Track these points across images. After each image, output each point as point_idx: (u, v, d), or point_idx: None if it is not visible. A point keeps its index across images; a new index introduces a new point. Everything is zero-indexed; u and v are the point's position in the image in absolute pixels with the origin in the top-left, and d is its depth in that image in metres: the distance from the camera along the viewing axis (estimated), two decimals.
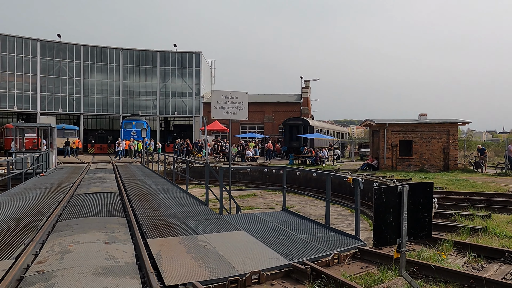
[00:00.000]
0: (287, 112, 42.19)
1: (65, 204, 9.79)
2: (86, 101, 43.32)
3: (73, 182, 14.52)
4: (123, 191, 12.12)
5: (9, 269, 4.84)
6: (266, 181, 23.28)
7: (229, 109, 8.78)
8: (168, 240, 6.40)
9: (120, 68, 44.52)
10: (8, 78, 39.55)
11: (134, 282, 4.56)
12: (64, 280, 4.48)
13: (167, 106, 46.12)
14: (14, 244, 6.09)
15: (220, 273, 4.88)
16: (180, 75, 46.23)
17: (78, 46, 43.07)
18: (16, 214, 8.44)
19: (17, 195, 11.21)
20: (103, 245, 5.94)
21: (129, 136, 35.66)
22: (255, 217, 8.54)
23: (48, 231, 7.03)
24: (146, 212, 8.80)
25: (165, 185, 13.95)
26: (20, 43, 40.19)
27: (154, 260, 5.32)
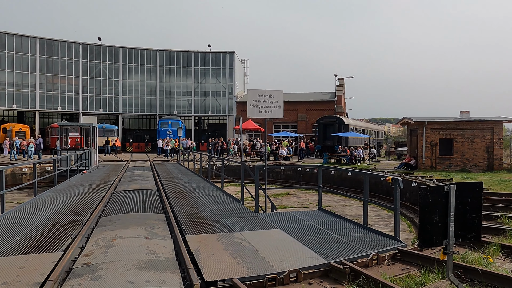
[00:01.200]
0: (320, 111, 41.70)
1: (107, 200, 10.20)
2: (124, 102, 44.86)
3: (113, 179, 15.07)
4: (161, 188, 12.45)
5: (58, 261, 5.10)
6: (299, 180, 23.16)
7: (264, 107, 8.82)
8: (206, 237, 6.52)
9: (157, 69, 45.72)
10: (53, 80, 41.68)
11: (174, 277, 4.68)
12: (109, 273, 4.67)
13: (201, 106, 46.88)
14: (62, 237, 6.42)
15: (258, 270, 4.91)
16: (214, 74, 46.85)
17: (117, 48, 44.65)
18: (63, 209, 8.89)
19: (63, 191, 11.79)
20: (144, 240, 6.14)
21: (165, 135, 36.57)
22: (291, 215, 8.52)
23: (93, 226, 7.35)
24: (183, 209, 8.99)
25: (200, 183, 14.20)
26: (64, 46, 42.20)
27: (193, 256, 5.44)
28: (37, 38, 40.88)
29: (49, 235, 6.57)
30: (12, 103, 39.80)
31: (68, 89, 42.38)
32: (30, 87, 40.51)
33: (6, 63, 39.10)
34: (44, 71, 41.13)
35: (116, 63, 44.39)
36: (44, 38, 41.32)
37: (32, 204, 9.50)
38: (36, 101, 40.81)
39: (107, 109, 44.35)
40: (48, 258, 5.26)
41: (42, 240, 6.21)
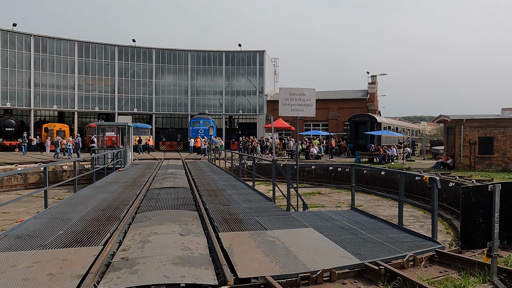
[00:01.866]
0: (352, 109, 41.02)
1: (142, 197, 10.50)
2: (157, 101, 45.98)
3: (148, 177, 15.49)
4: (194, 186, 12.67)
5: (98, 255, 5.32)
6: (331, 179, 22.89)
7: (296, 106, 8.77)
8: (238, 234, 6.58)
9: (188, 69, 46.53)
10: (90, 82, 43.37)
11: (208, 273, 4.76)
12: (146, 267, 4.81)
13: (232, 105, 47.27)
14: (101, 232, 6.68)
15: (291, 268, 4.91)
16: (244, 74, 47.10)
17: (150, 49, 45.81)
18: (101, 205, 9.24)
19: (100, 188, 12.25)
20: (178, 237, 6.28)
21: (196, 134, 37.17)
22: (323, 215, 8.45)
23: (129, 221, 7.60)
24: (216, 207, 9.12)
25: (232, 181, 14.34)
26: (100, 49, 43.77)
27: (226, 253, 5.51)
28: (75, 41, 42.63)
29: (89, 229, 6.85)
30: (53, 104, 41.74)
31: (104, 90, 43.96)
32: (70, 89, 42.33)
33: (47, 65, 41.04)
34: (83, 72, 42.85)
35: (149, 64, 45.56)
36: (82, 41, 43.02)
37: (73, 200, 9.94)
38: (75, 101, 42.59)
39: (141, 109, 45.63)
40: (88, 252, 5.49)
41: (83, 235, 6.49)
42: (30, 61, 40.04)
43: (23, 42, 39.77)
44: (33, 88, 40.20)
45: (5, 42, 38.79)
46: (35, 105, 40.62)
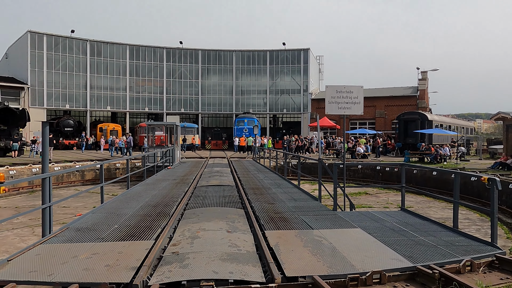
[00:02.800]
0: (401, 106, 39.55)
1: (190, 194, 10.81)
2: (203, 101, 47.10)
3: (195, 175, 15.91)
4: (239, 184, 12.84)
5: (150, 249, 5.54)
6: (378, 179, 22.22)
7: (343, 104, 8.61)
8: (285, 233, 6.58)
9: (233, 68, 47.19)
10: (140, 83, 45.33)
11: (256, 270, 4.80)
12: (196, 262, 4.95)
13: (276, 104, 47.32)
14: (152, 227, 6.96)
15: (339, 269, 4.83)
16: (288, 72, 46.97)
17: (197, 51, 47.00)
18: (152, 202, 9.63)
19: (151, 185, 12.77)
20: (225, 233, 6.39)
21: (241, 133, 37.60)
22: (371, 215, 8.22)
23: (178, 218, 7.85)
24: (261, 205, 9.17)
25: (277, 180, 14.35)
26: (150, 51, 45.60)
27: (273, 251, 5.52)
28: (127, 45, 44.74)
29: (141, 224, 7.17)
30: (107, 105, 44.11)
31: (153, 91, 45.77)
32: (122, 90, 44.51)
33: (102, 69, 43.44)
34: (133, 75, 44.89)
35: (196, 65, 46.77)
36: (133, 45, 45.05)
37: (126, 196, 10.44)
38: (127, 102, 44.70)
39: (187, 109, 46.97)
40: (141, 246, 5.75)
41: (136, 229, 6.80)
42: (87, 65, 42.58)
43: (80, 48, 42.39)
44: (89, 90, 42.72)
45: (64, 48, 41.55)
46: (91, 106, 43.15)
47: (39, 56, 40.07)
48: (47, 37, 40.62)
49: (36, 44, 39.93)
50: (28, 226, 12.19)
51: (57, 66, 41.15)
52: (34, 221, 12.53)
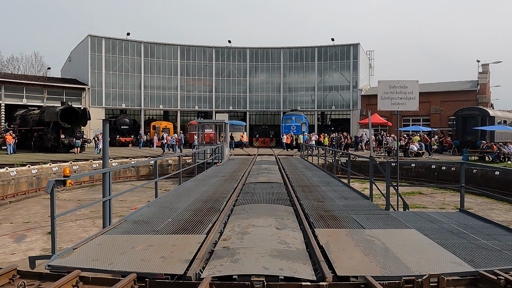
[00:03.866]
0: (458, 102, 37.32)
1: (239, 191, 10.96)
2: (251, 99, 47.52)
3: (243, 172, 16.11)
4: (287, 181, 12.81)
5: (202, 242, 5.70)
6: (433, 179, 21.16)
7: (397, 99, 8.27)
8: (335, 232, 6.47)
9: (281, 66, 47.11)
10: (191, 82, 46.68)
11: (306, 268, 4.77)
12: (246, 257, 5.01)
13: (324, 100, 46.61)
14: (203, 221, 7.15)
15: (393, 270, 4.67)
16: (337, 68, 46.03)
17: (245, 49, 47.49)
18: (203, 197, 9.89)
19: (201, 181, 13.12)
20: (275, 230, 6.41)
21: (289, 130, 37.48)
22: (427, 216, 7.85)
23: (228, 213, 7.99)
24: (310, 203, 9.09)
25: (326, 178, 14.15)
26: (200, 51, 46.78)
27: (323, 249, 5.45)
28: (178, 45, 46.23)
29: (193, 219, 7.38)
30: (159, 104, 45.92)
31: (203, 90, 46.96)
32: (173, 89, 46.12)
33: (154, 69, 45.28)
34: (184, 74, 46.32)
35: (244, 63, 47.28)
36: (184, 45, 46.47)
37: (178, 192, 10.81)
38: (178, 101, 46.25)
39: (236, 107, 47.64)
40: (194, 239, 5.93)
41: (188, 223, 7.02)
42: (141, 66, 44.59)
43: (135, 49, 44.48)
44: (143, 90, 44.73)
45: (120, 50, 43.82)
46: (145, 105, 45.15)
47: (98, 58, 42.58)
48: (105, 40, 43.07)
49: (96, 47, 42.48)
50: (89, 217, 13.04)
51: (114, 68, 43.51)
52: (94, 213, 13.38)
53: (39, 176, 18.67)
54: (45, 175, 18.92)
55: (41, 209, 14.69)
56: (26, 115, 32.26)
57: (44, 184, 18.67)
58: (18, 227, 11.93)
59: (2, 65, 63.63)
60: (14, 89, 37.73)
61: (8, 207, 15.13)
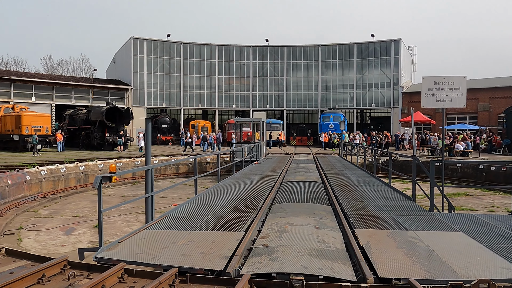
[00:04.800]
0: (509, 99, 35.13)
1: (276, 189, 10.95)
2: (288, 97, 47.33)
3: (280, 170, 16.08)
4: (325, 180, 12.64)
5: (241, 240, 5.75)
6: (481, 179, 20.08)
7: (442, 96, 7.91)
8: (376, 232, 6.31)
9: (319, 64, 46.55)
10: (228, 81, 47.22)
11: (346, 268, 4.69)
12: (285, 256, 5.00)
13: (363, 98, 45.56)
14: (242, 219, 7.21)
15: (438, 274, 4.48)
16: (377, 65, 44.81)
17: (282, 47, 47.36)
18: (241, 195, 9.98)
19: (239, 179, 13.24)
20: (313, 229, 6.35)
21: (326, 129, 36.96)
22: (475, 218, 7.46)
23: (266, 211, 8.01)
24: (350, 203, 8.92)
25: (365, 177, 13.82)
26: (237, 50, 47.19)
27: (363, 250, 5.33)
28: (216, 45, 46.91)
29: (232, 216, 7.47)
30: (198, 103, 46.83)
31: (241, 89, 47.37)
32: (211, 89, 46.87)
33: (193, 69, 46.24)
34: (222, 73, 46.94)
35: (281, 62, 47.17)
36: (222, 45, 47.07)
37: (217, 189, 10.98)
38: (216, 100, 46.95)
39: (273, 105, 47.64)
40: (232, 236, 5.99)
41: (227, 220, 7.11)
42: (180, 66, 45.69)
43: (175, 50, 45.64)
44: (182, 89, 45.82)
45: (161, 51, 45.12)
46: (184, 105, 46.22)
47: (140, 60, 44.09)
48: (147, 42, 44.51)
49: (138, 49, 44.02)
50: (132, 213, 13.55)
51: (155, 68, 44.87)
52: (137, 208, 13.89)
53: (86, 172, 19.64)
54: (92, 171, 19.87)
55: (88, 204, 15.44)
56: (74, 115, 34.02)
57: (91, 180, 19.62)
58: (67, 221, 12.62)
59: (53, 67, 67.55)
60: (64, 90, 39.88)
61: (59, 201, 16.04)
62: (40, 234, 10.96)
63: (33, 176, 16.47)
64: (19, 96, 36.49)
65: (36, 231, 11.27)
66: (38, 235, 10.92)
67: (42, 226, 11.90)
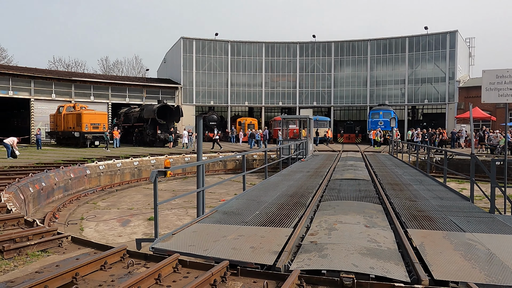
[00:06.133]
0: None
1: (324, 187, 10.84)
2: (336, 94, 46.46)
3: (328, 168, 15.88)
4: (375, 179, 12.31)
5: (290, 236, 5.78)
6: None
7: (505, 90, 7.38)
8: (430, 233, 6.06)
9: (368, 59, 45.20)
10: (275, 79, 47.25)
11: (399, 268, 4.56)
12: (334, 253, 4.96)
13: (415, 94, 43.64)
14: (290, 215, 7.24)
15: (500, 279, 4.23)
16: (431, 59, 42.67)
17: (329, 43, 46.54)
18: (288, 192, 10.00)
19: (286, 176, 13.25)
20: (363, 228, 6.23)
21: (375, 126, 35.85)
22: None
23: (314, 209, 7.97)
24: (401, 202, 8.63)
25: (418, 176, 13.28)
26: (284, 47, 47.06)
27: (417, 251, 5.16)
28: (263, 43, 47.09)
29: (280, 212, 7.52)
30: (245, 100, 47.34)
31: (287, 86, 47.22)
32: (258, 86, 47.16)
33: (240, 67, 46.79)
34: (269, 71, 47.06)
35: (328, 58, 46.38)
36: (269, 42, 47.17)
37: (264, 185, 11.09)
38: (262, 97, 47.19)
39: (320, 102, 47.01)
40: (281, 232, 6.04)
41: (275, 216, 7.17)
42: (228, 64, 46.42)
43: (222, 49, 46.44)
44: (229, 87, 46.55)
45: (210, 50, 46.12)
46: (231, 102, 46.94)
47: (190, 59, 45.37)
48: (196, 41, 45.70)
49: (188, 48, 45.32)
50: (182, 207, 14.04)
51: (203, 67, 45.96)
52: (187, 203, 14.37)
53: (139, 167, 20.62)
54: (145, 166, 20.82)
55: (142, 197, 16.22)
56: (128, 113, 35.77)
57: (144, 175, 20.58)
58: (123, 213, 13.35)
59: (109, 68, 71.46)
60: (119, 89, 42.05)
61: (115, 194, 17.00)
62: (99, 225, 11.71)
63: (93, 170, 17.57)
64: (79, 95, 38.99)
65: (95, 222, 12.04)
66: (97, 225, 11.66)
67: (101, 217, 12.70)
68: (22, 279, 4.42)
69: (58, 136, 33.01)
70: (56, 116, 32.72)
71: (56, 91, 37.52)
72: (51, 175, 14.25)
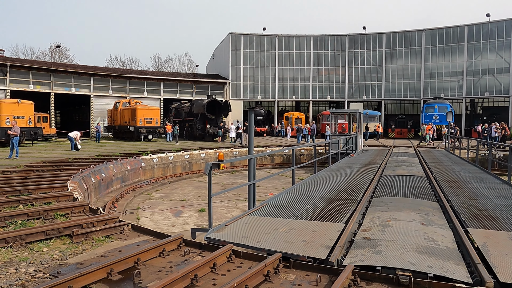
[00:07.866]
0: None
1: (376, 182, 10.55)
2: (387, 87, 44.83)
3: (379, 163, 15.42)
4: (430, 175, 11.77)
5: (342, 231, 5.72)
6: None
7: None
8: (494, 233, 5.71)
9: (422, 50, 43.10)
10: (323, 72, 46.51)
11: (459, 268, 4.36)
12: (389, 250, 4.84)
13: (475, 86, 40.99)
14: (341, 211, 7.14)
15: None
16: (493, 48, 39.81)
17: (380, 35, 44.92)
18: (338, 187, 9.86)
19: (335, 171, 13.06)
20: (419, 226, 6.01)
21: (430, 120, 34.18)
22: None
23: (366, 204, 7.80)
24: (460, 200, 8.19)
25: (478, 173, 12.51)
26: (332, 40, 46.13)
27: (479, 251, 4.89)
28: (311, 36, 46.47)
29: (330, 207, 7.45)
30: (292, 95, 47.10)
31: (335, 79, 46.29)
32: (305, 80, 46.70)
33: (288, 61, 46.55)
34: (317, 65, 46.40)
35: (379, 50, 44.82)
36: (317, 35, 46.46)
37: (314, 180, 11.01)
38: (310, 92, 46.67)
39: (370, 96, 45.63)
40: (333, 227, 5.99)
41: (326, 211, 7.11)
42: (275, 59, 46.37)
43: (270, 43, 46.46)
44: (277, 82, 46.51)
45: (257, 45, 46.32)
46: (278, 97, 46.90)
47: (238, 54, 45.88)
48: (244, 36, 46.09)
49: (236, 44, 45.85)
50: (232, 200, 14.33)
51: (251, 62, 46.29)
52: (236, 196, 14.64)
53: (190, 161, 21.30)
54: (195, 160, 21.48)
55: (193, 189, 16.77)
56: (179, 108, 36.98)
57: (194, 168, 21.23)
58: (176, 204, 13.90)
59: (160, 65, 74.18)
60: (170, 85, 43.56)
61: (168, 186, 17.72)
62: (154, 215, 12.28)
63: (147, 163, 18.42)
64: (134, 91, 40.88)
65: (150, 212, 12.65)
66: (152, 215, 12.25)
67: (155, 207, 13.31)
68: (90, 261, 4.78)
69: (115, 130, 34.92)
70: (113, 111, 34.63)
71: (113, 88, 39.64)
72: (110, 167, 15.14)
